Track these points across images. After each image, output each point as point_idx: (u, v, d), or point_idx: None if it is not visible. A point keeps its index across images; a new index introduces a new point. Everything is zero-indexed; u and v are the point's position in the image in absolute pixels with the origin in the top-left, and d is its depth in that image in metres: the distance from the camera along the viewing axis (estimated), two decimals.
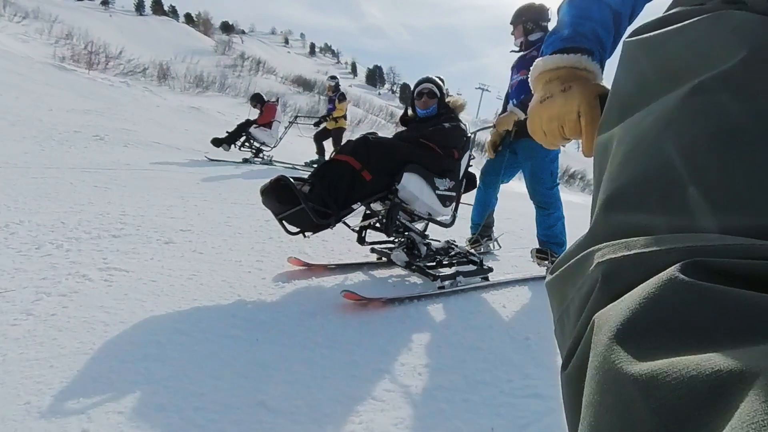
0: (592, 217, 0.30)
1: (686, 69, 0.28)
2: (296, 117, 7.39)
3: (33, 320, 1.58)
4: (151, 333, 1.62)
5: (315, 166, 6.34)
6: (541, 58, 0.75)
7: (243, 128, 7.49)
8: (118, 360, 1.43)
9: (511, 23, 3.17)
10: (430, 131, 2.56)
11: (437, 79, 2.80)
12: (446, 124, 2.59)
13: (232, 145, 7.32)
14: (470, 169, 2.82)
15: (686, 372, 0.16)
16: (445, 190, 2.55)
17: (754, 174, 0.23)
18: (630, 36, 0.38)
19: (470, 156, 2.80)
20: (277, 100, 8.47)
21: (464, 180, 2.74)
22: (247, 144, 7.23)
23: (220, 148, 7.16)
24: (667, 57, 0.30)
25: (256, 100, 8.19)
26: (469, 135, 2.76)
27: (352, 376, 1.53)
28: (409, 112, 2.86)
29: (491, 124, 3.21)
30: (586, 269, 0.26)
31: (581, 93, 0.66)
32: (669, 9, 0.37)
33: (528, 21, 3.06)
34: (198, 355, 1.53)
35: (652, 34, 0.33)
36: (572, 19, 0.76)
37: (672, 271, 0.20)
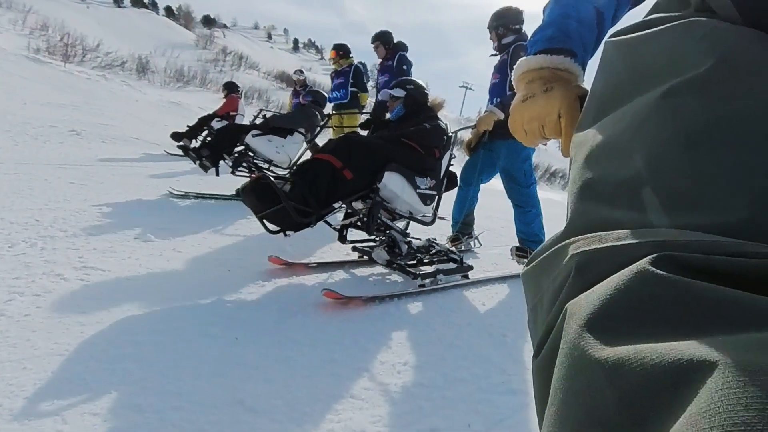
0: (567, 212, 0.31)
1: (658, 73, 0.30)
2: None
3: (5, 321, 1.55)
4: (128, 333, 1.60)
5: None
6: (524, 58, 0.76)
7: (205, 121, 6.43)
8: (93, 360, 1.42)
9: (487, 28, 3.25)
10: (412, 131, 2.58)
11: (403, 81, 2.90)
12: (427, 124, 2.61)
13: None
14: (452, 168, 2.85)
15: (650, 359, 0.17)
16: (426, 188, 2.57)
17: (714, 176, 0.24)
18: (610, 37, 0.39)
19: (451, 155, 2.83)
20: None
21: (445, 179, 2.76)
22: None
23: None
24: (642, 60, 0.32)
25: (227, 88, 7.09)
26: (450, 134, 2.78)
27: (332, 374, 1.54)
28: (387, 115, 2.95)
29: (472, 124, 3.25)
30: (561, 260, 0.27)
31: (562, 94, 0.68)
32: (648, 15, 0.39)
33: (500, 26, 3.15)
34: (176, 354, 1.52)
35: (630, 36, 0.35)
36: (557, 18, 0.76)
37: (643, 263, 0.21)
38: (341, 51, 5.67)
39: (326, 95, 5.12)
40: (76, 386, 1.29)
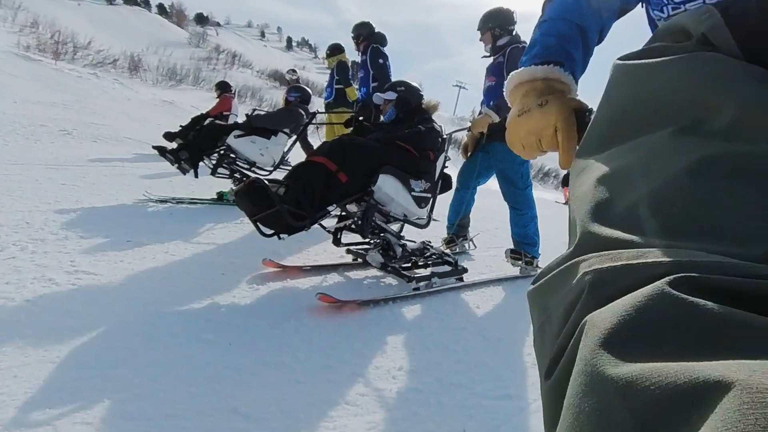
0: (572, 232, 0.31)
1: (669, 108, 0.30)
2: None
3: None
4: (121, 338, 1.58)
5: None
6: (515, 72, 0.78)
7: (198, 121, 6.13)
8: (86, 367, 1.40)
9: (478, 30, 3.22)
10: (406, 133, 2.58)
11: (394, 84, 2.90)
12: (421, 127, 2.61)
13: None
14: (447, 170, 2.85)
15: (665, 378, 0.17)
16: (421, 191, 2.57)
17: (734, 207, 0.24)
18: (619, 59, 0.39)
19: (446, 157, 2.83)
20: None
21: (440, 181, 2.77)
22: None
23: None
24: (650, 92, 0.32)
25: (220, 88, 7.03)
26: (445, 136, 2.79)
27: (327, 380, 1.53)
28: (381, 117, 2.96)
29: (467, 126, 3.25)
30: (572, 279, 0.26)
31: (558, 108, 0.69)
32: (650, 42, 0.39)
33: (495, 27, 3.13)
34: (170, 360, 1.51)
35: (637, 62, 0.35)
36: (539, 38, 0.80)
37: (661, 284, 0.21)
38: (328, 50, 5.63)
39: (310, 93, 4.94)
40: (68, 394, 1.28)
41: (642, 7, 0.88)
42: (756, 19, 0.31)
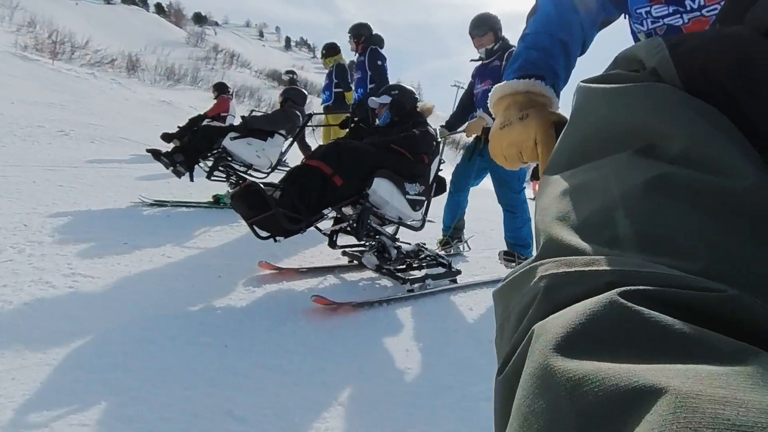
0: (537, 240, 0.33)
1: (625, 132, 0.32)
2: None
3: None
4: (118, 342, 1.61)
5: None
6: (498, 85, 0.81)
7: (196, 122, 6.11)
8: (83, 370, 1.42)
9: (473, 33, 3.17)
10: (401, 137, 2.60)
11: (389, 88, 2.93)
12: (416, 131, 2.64)
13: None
14: (441, 173, 2.87)
15: (608, 380, 0.18)
16: (416, 194, 2.60)
17: (678, 224, 0.26)
18: (583, 81, 0.42)
19: (440, 160, 2.86)
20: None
21: (434, 184, 2.79)
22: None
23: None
24: (609, 117, 0.35)
25: (218, 89, 6.97)
26: (439, 140, 2.81)
27: (322, 383, 1.56)
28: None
29: (462, 130, 3.27)
30: (529, 282, 0.27)
31: (537, 122, 0.72)
32: (611, 67, 0.42)
33: (497, 30, 3.13)
34: (166, 363, 1.53)
35: (598, 86, 0.37)
36: (522, 51, 0.83)
37: (612, 294, 0.22)
38: (324, 50, 5.53)
39: (305, 93, 4.90)
40: (65, 397, 1.30)
41: (625, 18, 0.90)
42: (699, 61, 0.33)
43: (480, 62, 3.25)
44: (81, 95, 9.79)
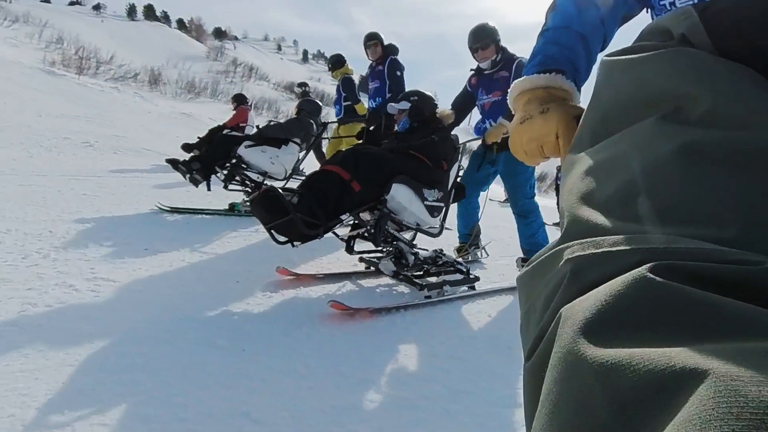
0: (561, 222, 0.32)
1: (653, 100, 0.31)
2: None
3: (18, 331, 1.58)
4: (137, 343, 1.63)
5: None
6: (517, 80, 0.80)
7: (215, 132, 6.11)
8: (103, 371, 1.44)
9: (477, 45, 3.13)
10: (420, 143, 2.60)
11: (407, 94, 2.92)
12: (435, 137, 2.63)
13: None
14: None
15: (642, 364, 0.17)
16: (434, 200, 2.58)
17: (711, 191, 0.25)
18: (605, 56, 0.41)
19: (459, 166, 2.84)
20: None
21: (453, 190, 2.78)
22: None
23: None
24: (633, 86, 0.33)
25: (236, 100, 7.16)
26: (459, 146, 2.80)
27: (337, 386, 1.55)
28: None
29: (480, 137, 3.25)
30: (555, 265, 0.27)
31: (559, 115, 0.70)
32: (636, 41, 0.41)
33: (498, 41, 3.12)
34: (184, 365, 1.54)
35: (622, 58, 0.36)
36: (542, 47, 0.81)
37: (641, 270, 0.21)
38: (330, 64, 5.54)
39: (319, 104, 4.91)
40: (86, 397, 1.31)
41: (647, 12, 0.89)
42: (729, 20, 0.32)
43: (480, 73, 3.23)
44: (105, 108, 10.05)
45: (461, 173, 2.92)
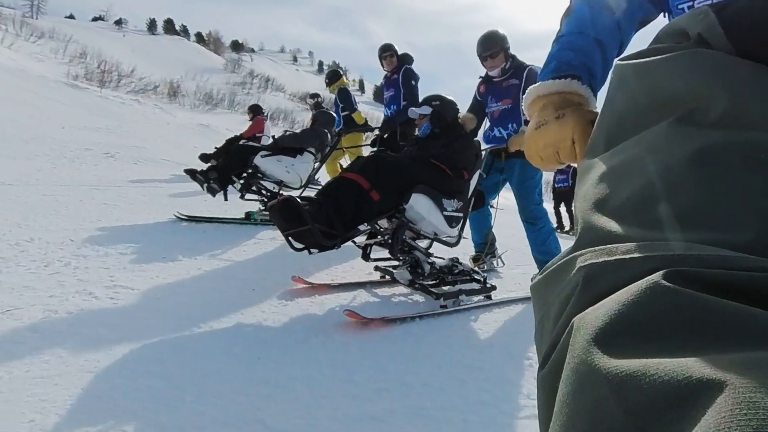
0: (576, 228, 0.32)
1: (668, 102, 0.31)
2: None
3: (39, 338, 1.61)
4: (155, 350, 1.64)
5: None
6: (533, 86, 0.79)
7: (232, 143, 6.32)
8: (121, 377, 1.46)
9: (486, 53, 3.09)
10: (442, 152, 2.57)
11: (429, 98, 2.87)
12: (457, 145, 2.59)
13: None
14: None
15: (658, 375, 0.17)
16: (453, 210, 2.54)
17: (726, 195, 0.24)
18: (619, 59, 0.40)
19: (480, 174, 2.81)
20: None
21: (472, 198, 2.74)
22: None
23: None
24: (649, 89, 0.33)
25: (252, 111, 7.38)
26: (480, 152, 2.77)
27: (352, 395, 1.54)
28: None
29: (503, 146, 3.21)
30: (568, 273, 0.26)
31: (575, 120, 0.69)
32: (652, 44, 0.40)
33: (508, 48, 3.09)
34: (200, 372, 1.55)
35: (636, 61, 0.35)
36: (557, 52, 0.81)
37: (654, 277, 0.21)
38: (327, 79, 5.70)
39: (333, 115, 5.02)
40: (104, 403, 1.33)
41: (665, 17, 0.87)
42: (748, 19, 0.32)
43: (488, 81, 3.22)
44: (125, 120, 10.29)
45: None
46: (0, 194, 3.51)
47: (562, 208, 8.55)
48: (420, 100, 2.95)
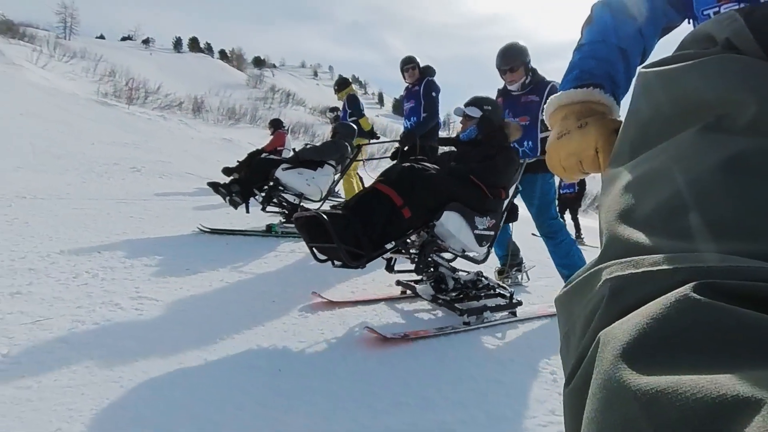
0: (601, 241, 0.31)
1: (696, 109, 0.30)
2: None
3: (68, 348, 1.65)
4: (178, 361, 1.66)
5: None
6: (554, 96, 0.78)
7: (254, 156, 6.24)
8: (145, 388, 1.48)
9: (505, 67, 3.02)
10: (483, 168, 2.46)
11: (480, 100, 2.74)
12: (499, 160, 2.48)
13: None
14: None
15: (690, 393, 0.16)
16: (484, 229, 2.45)
17: (756, 203, 0.23)
18: (643, 67, 0.39)
19: (517, 187, 2.73)
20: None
21: (505, 212, 2.63)
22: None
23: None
24: (675, 96, 0.32)
25: (273, 125, 7.57)
26: (520, 164, 2.69)
27: (372, 408, 1.53)
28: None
29: (540, 157, 3.16)
30: (594, 286, 0.26)
31: (597, 129, 0.68)
32: (677, 50, 0.39)
33: (528, 62, 3.03)
34: (221, 384, 1.56)
35: (662, 68, 0.35)
36: (578, 61, 0.79)
37: (684, 290, 0.20)
38: (336, 86, 5.82)
39: (354, 127, 5.01)
40: (128, 413, 1.35)
41: (689, 23, 0.86)
42: None
43: (506, 94, 3.16)
44: (152, 135, 10.57)
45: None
46: (33, 208, 3.64)
47: (567, 216, 8.29)
48: (469, 100, 2.75)
